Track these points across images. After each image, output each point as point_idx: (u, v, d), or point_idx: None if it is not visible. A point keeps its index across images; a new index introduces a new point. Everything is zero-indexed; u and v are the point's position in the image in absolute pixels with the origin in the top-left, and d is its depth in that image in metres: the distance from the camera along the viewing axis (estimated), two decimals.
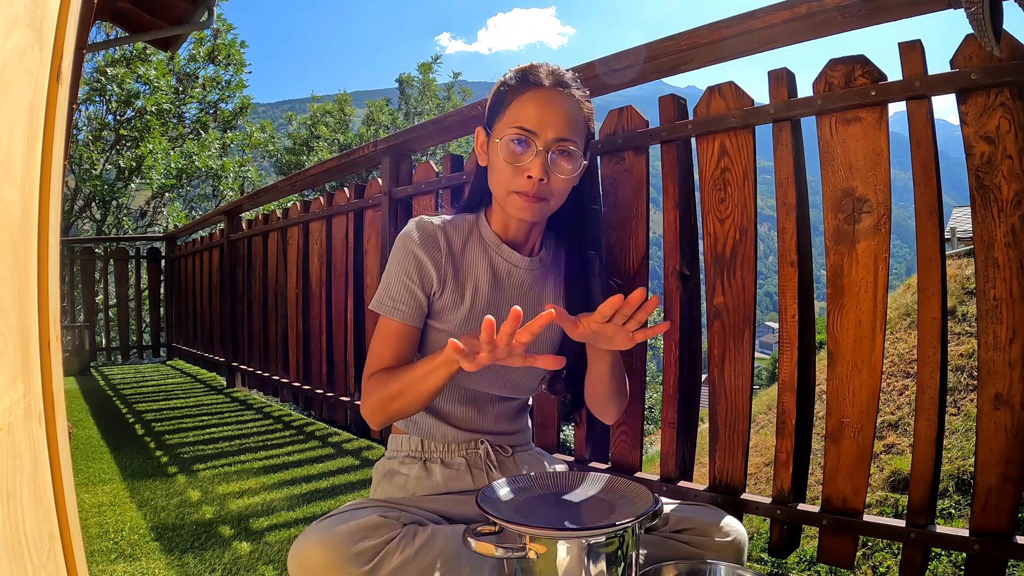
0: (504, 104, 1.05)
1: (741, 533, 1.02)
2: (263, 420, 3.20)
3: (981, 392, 1.06)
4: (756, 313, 1.33)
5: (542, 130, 1.02)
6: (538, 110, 1.02)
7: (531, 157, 1.02)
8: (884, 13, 1.13)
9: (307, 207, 3.06)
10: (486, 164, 1.12)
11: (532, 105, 1.02)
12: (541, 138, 1.02)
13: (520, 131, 1.02)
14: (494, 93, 1.10)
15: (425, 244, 1.08)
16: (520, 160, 1.02)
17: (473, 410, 1.15)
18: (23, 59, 0.43)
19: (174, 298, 5.67)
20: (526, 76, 1.05)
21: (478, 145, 1.13)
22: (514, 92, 1.05)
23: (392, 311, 1.07)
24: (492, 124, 1.08)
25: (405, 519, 0.98)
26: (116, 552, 1.54)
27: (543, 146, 1.02)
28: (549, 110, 1.02)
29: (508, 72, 1.10)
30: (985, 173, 1.05)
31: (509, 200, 1.05)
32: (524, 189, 1.03)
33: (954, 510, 4.10)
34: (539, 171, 1.01)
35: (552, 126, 1.02)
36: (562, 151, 1.03)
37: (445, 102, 16.12)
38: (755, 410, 6.21)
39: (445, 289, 1.09)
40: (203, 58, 11.65)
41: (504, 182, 1.05)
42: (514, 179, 1.03)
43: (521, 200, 1.04)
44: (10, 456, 0.42)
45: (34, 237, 0.47)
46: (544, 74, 1.05)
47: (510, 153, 1.02)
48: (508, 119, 1.04)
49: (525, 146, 1.02)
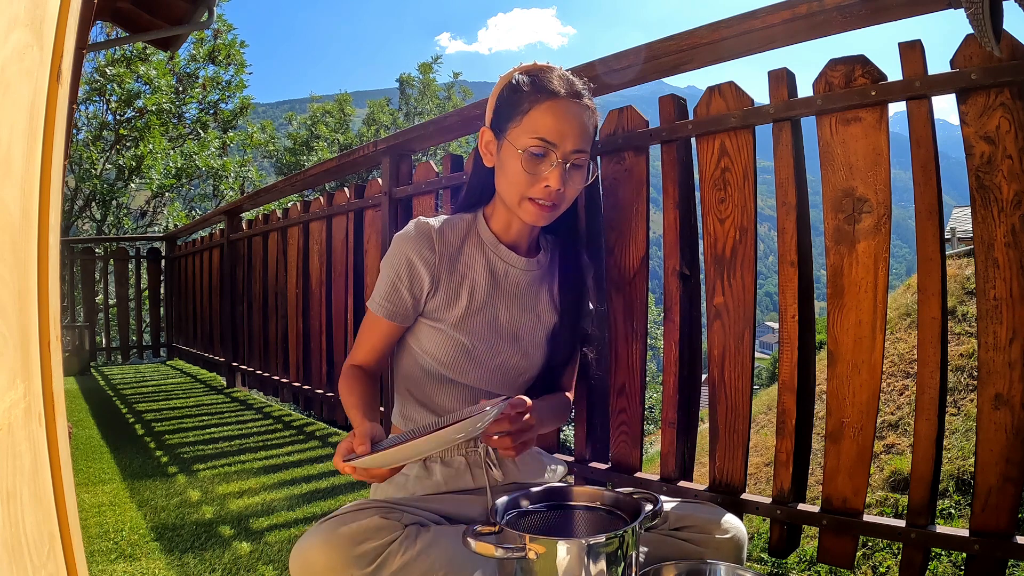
0: (520, 110, 1.05)
1: (741, 530, 1.02)
2: (263, 420, 3.20)
3: (981, 392, 1.06)
4: (756, 313, 1.33)
5: (561, 141, 1.04)
6: (557, 122, 1.04)
7: (550, 168, 1.04)
8: (884, 13, 1.13)
9: (307, 207, 3.06)
10: (492, 165, 1.12)
11: (551, 116, 1.04)
12: (560, 149, 1.04)
13: (541, 142, 1.03)
14: (504, 94, 1.10)
15: (419, 246, 1.09)
16: (539, 170, 1.04)
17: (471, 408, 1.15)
18: (23, 59, 0.43)
19: (174, 298, 5.67)
20: (543, 83, 1.06)
21: (483, 145, 1.13)
22: (531, 99, 1.05)
23: (377, 307, 1.11)
24: (504, 127, 1.08)
25: (407, 520, 0.98)
26: (116, 552, 1.54)
27: (561, 157, 1.04)
28: (568, 122, 1.04)
29: (516, 73, 1.10)
30: (985, 173, 1.05)
31: (523, 206, 1.08)
32: (540, 197, 1.06)
33: (954, 510, 4.10)
34: (558, 182, 1.04)
35: (570, 138, 1.04)
36: (576, 163, 1.06)
37: (445, 102, 16.12)
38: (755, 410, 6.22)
39: (439, 289, 1.11)
40: (203, 58, 11.65)
41: (519, 189, 1.06)
42: (531, 187, 1.05)
43: (535, 207, 1.07)
44: (10, 456, 0.42)
45: (34, 237, 0.47)
46: (559, 82, 1.06)
47: (531, 163, 1.04)
48: (527, 127, 1.04)
49: (544, 156, 1.04)
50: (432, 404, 1.15)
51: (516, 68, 1.12)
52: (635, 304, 1.49)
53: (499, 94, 1.11)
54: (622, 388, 1.52)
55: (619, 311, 1.52)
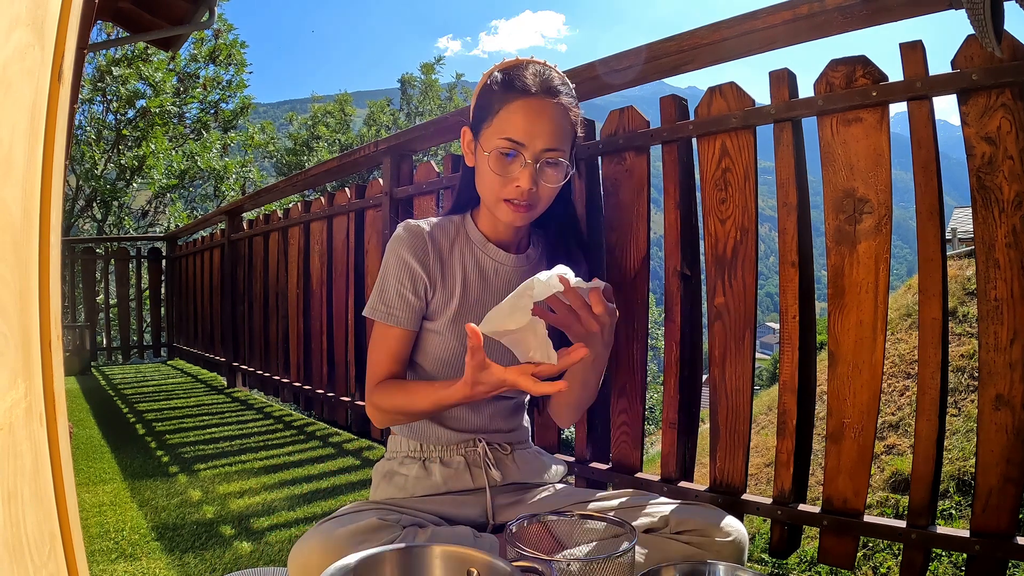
0: (491, 111, 1.05)
1: (742, 533, 1.02)
2: (264, 420, 3.20)
3: (982, 393, 1.06)
4: (757, 313, 1.32)
5: (530, 141, 1.02)
6: (526, 121, 1.02)
7: (520, 168, 1.03)
8: (885, 13, 1.13)
9: (308, 207, 3.06)
10: (473, 165, 1.12)
11: (520, 116, 1.02)
12: (529, 149, 1.02)
13: (509, 143, 1.02)
14: (480, 93, 1.09)
15: (413, 248, 1.09)
16: (509, 171, 1.03)
17: (468, 409, 1.15)
18: (25, 59, 0.43)
19: (175, 298, 5.67)
20: (513, 82, 1.04)
21: (465, 144, 1.13)
22: (501, 99, 1.04)
23: (386, 317, 1.09)
24: (479, 128, 1.07)
25: (405, 521, 0.98)
26: (117, 552, 1.54)
27: (531, 158, 1.02)
28: (537, 121, 1.02)
29: (495, 71, 1.08)
30: (986, 174, 1.05)
31: (498, 207, 1.07)
32: (512, 197, 1.05)
33: (955, 511, 4.09)
34: (528, 182, 1.03)
35: (540, 137, 1.02)
36: (549, 161, 1.04)
37: (447, 103, 16.12)
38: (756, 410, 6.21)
39: (435, 290, 1.11)
40: (204, 58, 11.66)
41: (493, 190, 1.06)
42: (503, 188, 1.04)
43: (510, 207, 1.06)
44: (11, 456, 0.42)
45: (35, 237, 0.47)
46: (532, 79, 1.03)
47: (499, 164, 1.03)
48: (496, 128, 1.03)
49: (513, 157, 1.03)
50: None
51: (497, 65, 1.10)
52: (636, 304, 1.49)
53: (478, 94, 1.10)
54: (623, 388, 1.52)
55: (620, 311, 1.51)
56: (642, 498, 1.10)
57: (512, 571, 0.71)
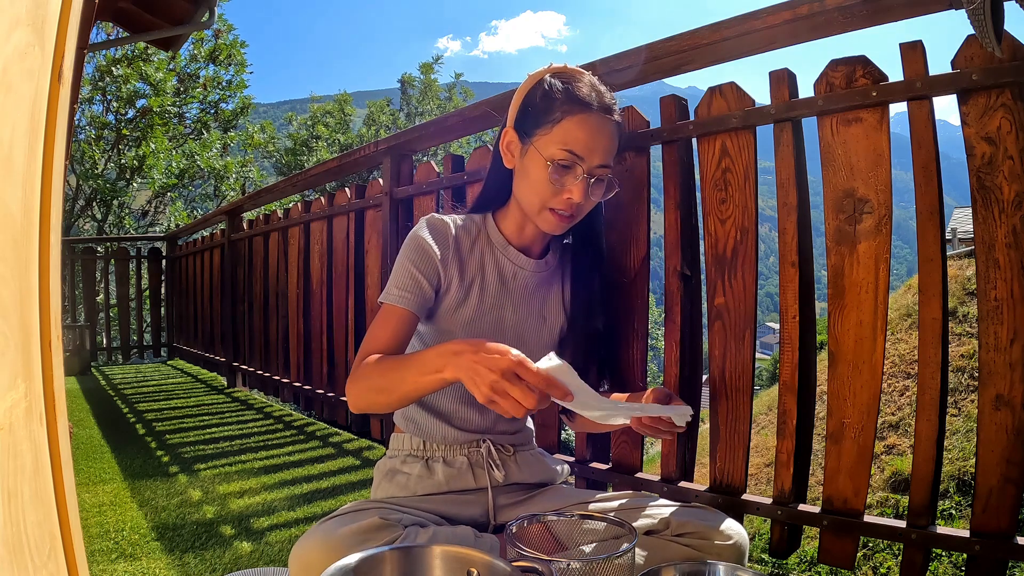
0: (551, 118, 1.04)
1: (742, 536, 1.02)
2: (264, 420, 3.20)
3: (982, 393, 1.06)
4: (757, 313, 1.33)
5: (589, 156, 1.03)
6: (588, 136, 1.03)
7: (574, 181, 1.04)
8: (885, 13, 1.13)
9: (308, 207, 3.06)
10: (512, 167, 1.11)
11: (583, 130, 1.03)
12: (587, 163, 1.04)
13: (569, 155, 1.03)
14: (533, 97, 1.07)
15: (435, 237, 1.09)
16: (563, 181, 1.04)
17: (473, 410, 1.15)
18: (25, 59, 0.43)
19: (175, 298, 5.67)
20: (575, 93, 1.04)
21: (504, 145, 1.11)
22: (563, 109, 1.04)
23: (396, 299, 1.06)
24: (531, 132, 1.06)
25: (407, 521, 0.98)
26: (117, 552, 1.54)
27: (587, 171, 1.04)
28: (597, 137, 1.04)
29: (547, 76, 1.08)
30: (986, 174, 1.05)
31: (542, 215, 1.08)
32: (560, 208, 1.06)
33: (955, 511, 4.09)
34: (580, 195, 1.04)
35: (597, 153, 1.04)
36: (600, 178, 1.06)
37: (447, 103, 16.11)
38: (756, 411, 6.21)
39: (451, 287, 1.10)
40: (204, 58, 11.66)
41: (542, 197, 1.06)
42: (553, 198, 1.05)
43: (554, 217, 1.07)
44: (11, 456, 0.42)
45: (35, 236, 0.47)
46: (594, 94, 1.05)
47: (556, 173, 1.04)
48: (557, 137, 1.03)
49: (570, 168, 1.04)
50: (436, 406, 1.15)
51: (546, 69, 1.10)
52: (636, 304, 1.49)
53: (527, 95, 1.09)
54: (623, 388, 1.52)
55: (620, 311, 1.52)
56: (642, 500, 1.10)
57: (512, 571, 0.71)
